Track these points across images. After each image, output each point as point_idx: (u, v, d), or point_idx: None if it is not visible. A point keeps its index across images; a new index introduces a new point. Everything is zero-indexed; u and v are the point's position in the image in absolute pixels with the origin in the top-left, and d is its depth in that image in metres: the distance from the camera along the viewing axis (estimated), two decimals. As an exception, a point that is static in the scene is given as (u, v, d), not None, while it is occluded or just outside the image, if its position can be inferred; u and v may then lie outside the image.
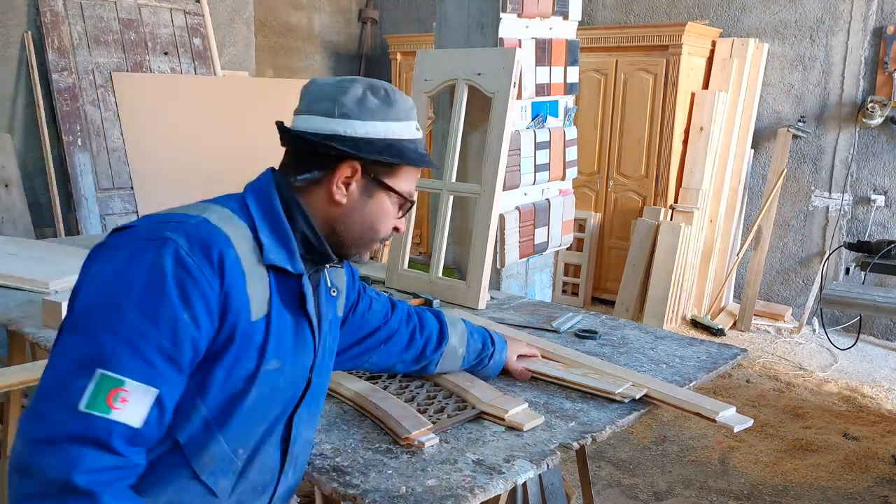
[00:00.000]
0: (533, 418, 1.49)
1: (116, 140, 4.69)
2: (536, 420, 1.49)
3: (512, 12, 2.46)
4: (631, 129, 5.27)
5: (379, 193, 1.23)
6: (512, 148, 2.43)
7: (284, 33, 6.70)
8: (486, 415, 1.51)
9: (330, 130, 1.19)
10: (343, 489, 1.22)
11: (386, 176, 1.23)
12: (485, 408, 1.52)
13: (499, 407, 1.50)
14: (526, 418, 1.49)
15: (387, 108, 1.21)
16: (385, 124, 1.21)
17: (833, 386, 4.15)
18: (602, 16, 5.89)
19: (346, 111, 1.19)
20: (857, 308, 3.49)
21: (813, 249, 5.20)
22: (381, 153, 1.20)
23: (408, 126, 1.24)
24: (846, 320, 5.03)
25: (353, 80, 1.23)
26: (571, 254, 5.52)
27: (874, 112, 4.73)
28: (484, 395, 1.55)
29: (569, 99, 2.78)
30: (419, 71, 2.54)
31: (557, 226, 2.78)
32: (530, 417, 1.49)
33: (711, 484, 3.09)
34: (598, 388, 1.62)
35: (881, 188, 4.90)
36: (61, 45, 4.58)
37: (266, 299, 1.15)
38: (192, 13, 5.22)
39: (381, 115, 1.20)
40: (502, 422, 1.48)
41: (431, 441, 1.39)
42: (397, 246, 2.54)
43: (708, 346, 1.98)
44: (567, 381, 1.67)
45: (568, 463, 3.03)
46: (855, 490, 3.06)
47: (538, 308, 2.33)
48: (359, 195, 1.22)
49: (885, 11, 4.76)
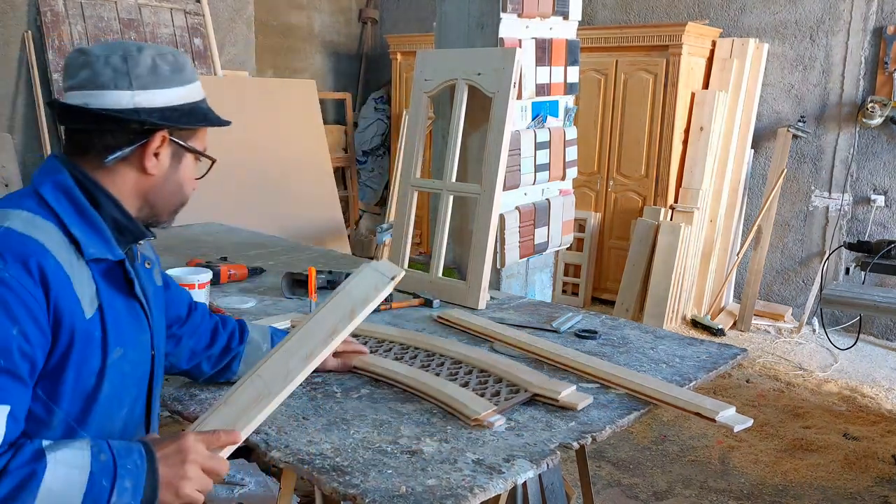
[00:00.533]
0: (583, 399, 1.54)
1: (116, 140, 4.69)
2: (587, 400, 1.54)
3: (512, 12, 2.46)
4: (631, 129, 5.27)
5: (186, 157, 1.26)
6: (512, 148, 2.43)
7: (284, 33, 6.70)
8: (540, 396, 1.56)
9: (132, 104, 1.15)
10: (343, 489, 1.22)
11: (190, 139, 1.25)
12: (537, 390, 1.57)
13: (552, 389, 1.55)
14: (577, 398, 1.54)
15: (179, 73, 1.21)
16: (182, 89, 1.22)
17: (833, 386, 4.15)
18: (602, 16, 5.89)
19: (143, 82, 1.16)
20: (857, 308, 3.49)
21: (813, 249, 5.20)
22: (187, 118, 1.22)
23: (198, 87, 1.26)
24: (846, 320, 5.03)
25: (137, 47, 1.18)
26: (571, 254, 5.52)
27: (874, 112, 4.73)
28: (534, 379, 1.61)
29: (569, 99, 2.78)
30: (419, 71, 2.54)
31: (557, 226, 2.78)
32: (581, 398, 1.55)
33: (711, 484, 3.09)
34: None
35: (881, 188, 4.90)
36: (61, 44, 4.58)
37: (94, 293, 1.15)
38: (192, 13, 5.22)
39: (176, 80, 1.20)
40: (556, 402, 1.53)
41: (499, 421, 1.44)
42: (397, 246, 2.54)
43: (708, 346, 1.98)
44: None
45: (568, 463, 3.03)
46: (855, 490, 3.06)
47: (538, 308, 2.33)
48: (169, 162, 1.23)
49: (885, 11, 4.76)
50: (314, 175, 5.48)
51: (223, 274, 2.48)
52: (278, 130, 5.34)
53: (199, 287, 2.07)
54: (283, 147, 5.32)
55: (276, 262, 2.83)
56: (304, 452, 1.34)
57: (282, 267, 2.72)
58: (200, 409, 1.51)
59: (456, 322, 2.10)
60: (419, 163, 2.54)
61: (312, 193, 5.42)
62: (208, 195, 4.85)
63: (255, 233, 3.50)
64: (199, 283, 2.08)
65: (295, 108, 5.50)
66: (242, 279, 2.54)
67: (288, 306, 2.26)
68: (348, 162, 6.96)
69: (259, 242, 3.23)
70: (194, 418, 1.46)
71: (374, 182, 7.12)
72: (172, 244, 2.99)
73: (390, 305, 2.25)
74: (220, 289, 2.40)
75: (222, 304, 2.22)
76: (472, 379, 1.67)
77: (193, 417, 1.48)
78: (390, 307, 2.25)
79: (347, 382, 1.68)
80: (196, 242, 3.15)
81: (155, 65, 1.18)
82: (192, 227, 3.53)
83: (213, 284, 2.26)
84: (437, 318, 2.16)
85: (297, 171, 5.36)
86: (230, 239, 3.28)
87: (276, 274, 2.59)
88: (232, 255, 2.83)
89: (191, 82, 1.24)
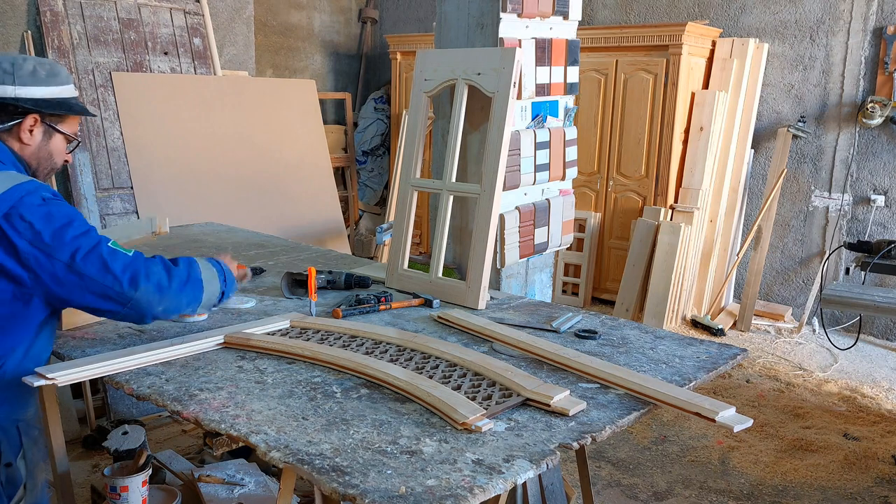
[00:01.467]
0: (576, 404, 1.54)
1: (116, 140, 4.69)
2: (580, 405, 1.54)
3: (512, 12, 2.46)
4: (631, 129, 5.27)
5: (55, 136, 1.79)
6: (512, 148, 2.42)
7: (284, 33, 6.70)
8: (532, 401, 1.55)
9: (14, 95, 1.69)
10: (343, 489, 1.22)
11: (59, 124, 1.79)
12: (530, 395, 1.56)
13: (544, 394, 1.55)
14: (570, 404, 1.54)
15: (54, 77, 1.76)
16: (55, 88, 1.76)
17: (833, 386, 4.15)
18: (602, 16, 5.89)
19: (23, 81, 1.70)
20: (857, 308, 3.49)
21: (813, 249, 5.20)
22: (56, 108, 1.76)
23: (69, 88, 1.80)
24: (846, 320, 5.03)
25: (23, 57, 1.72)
26: (571, 254, 5.52)
27: (874, 112, 4.73)
28: (527, 383, 1.61)
29: (569, 99, 2.78)
30: (419, 71, 2.54)
31: (557, 226, 2.78)
32: (574, 403, 1.54)
33: (711, 484, 3.09)
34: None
35: (881, 188, 4.90)
36: (61, 44, 4.58)
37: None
38: (191, 13, 5.22)
39: (50, 82, 1.74)
40: (548, 407, 1.53)
41: (487, 425, 1.44)
42: (397, 246, 2.54)
43: (708, 346, 1.98)
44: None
45: (568, 463, 3.03)
46: (855, 490, 3.06)
47: (538, 308, 2.33)
48: (41, 138, 1.77)
49: (885, 11, 4.76)
50: (314, 175, 5.48)
51: (223, 274, 2.47)
52: (278, 130, 5.34)
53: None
54: (282, 147, 5.32)
55: (276, 262, 2.82)
56: (303, 452, 1.34)
57: (282, 267, 2.72)
58: (200, 408, 1.52)
59: (456, 322, 2.10)
60: (419, 163, 2.54)
61: (312, 193, 5.42)
62: (209, 195, 4.87)
63: (254, 233, 3.49)
64: (199, 283, 2.08)
65: (295, 108, 5.50)
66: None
67: (288, 306, 2.26)
68: (348, 162, 6.96)
69: (259, 242, 3.22)
70: (194, 418, 1.48)
71: (374, 182, 7.12)
72: (172, 244, 2.98)
73: (390, 305, 2.25)
74: (220, 289, 2.39)
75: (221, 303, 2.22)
76: (465, 382, 1.66)
77: (193, 417, 1.49)
78: (390, 307, 2.25)
79: (347, 382, 1.68)
80: (196, 242, 3.15)
81: (34, 70, 1.72)
82: (192, 227, 3.53)
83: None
84: (437, 318, 2.16)
85: (296, 171, 5.36)
86: (230, 239, 3.28)
87: (276, 274, 2.59)
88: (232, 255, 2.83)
89: (63, 84, 1.78)
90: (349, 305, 2.19)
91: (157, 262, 1.74)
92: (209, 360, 1.81)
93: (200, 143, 4.90)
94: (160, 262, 1.75)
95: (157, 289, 1.70)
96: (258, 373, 1.73)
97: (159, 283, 1.70)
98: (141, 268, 1.68)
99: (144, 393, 1.62)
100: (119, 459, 2.52)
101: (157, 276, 1.71)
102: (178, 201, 4.65)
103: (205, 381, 1.67)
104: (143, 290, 1.67)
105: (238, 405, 1.54)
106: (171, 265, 1.77)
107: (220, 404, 1.54)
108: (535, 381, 1.63)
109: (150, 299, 1.69)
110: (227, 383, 1.66)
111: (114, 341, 1.91)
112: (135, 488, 2.36)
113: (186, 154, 4.84)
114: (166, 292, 1.72)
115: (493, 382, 1.66)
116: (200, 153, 4.89)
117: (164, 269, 1.74)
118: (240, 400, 1.57)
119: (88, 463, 3.12)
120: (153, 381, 1.67)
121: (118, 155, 4.70)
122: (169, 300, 1.73)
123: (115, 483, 2.35)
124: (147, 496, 2.41)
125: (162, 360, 1.78)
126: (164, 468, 2.75)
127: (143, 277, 1.67)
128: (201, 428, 1.54)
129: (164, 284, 1.71)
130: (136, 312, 1.70)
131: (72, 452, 3.04)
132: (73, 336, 1.93)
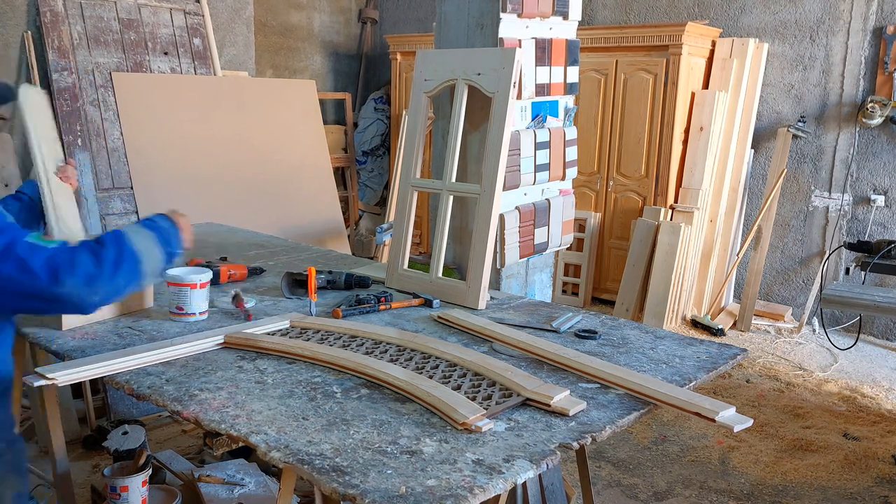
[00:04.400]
0: (576, 404, 1.54)
1: (116, 140, 4.69)
2: (580, 405, 1.54)
3: (512, 12, 2.46)
4: (631, 129, 5.27)
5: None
6: (512, 148, 2.42)
7: (284, 33, 6.70)
8: (532, 401, 1.56)
9: None
10: (343, 489, 1.22)
11: None
12: (530, 395, 1.56)
13: (544, 394, 1.55)
14: (570, 404, 1.54)
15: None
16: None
17: (833, 386, 4.15)
18: (602, 16, 5.89)
19: None
20: (857, 308, 3.49)
21: (813, 249, 5.20)
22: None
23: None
24: (846, 320, 5.03)
25: None
26: (571, 254, 5.52)
27: (874, 112, 4.73)
28: (527, 383, 1.60)
29: (569, 99, 2.78)
30: (419, 71, 2.54)
31: (557, 226, 2.78)
32: (574, 403, 1.54)
33: (711, 484, 3.09)
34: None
35: (881, 188, 4.90)
36: (61, 45, 4.58)
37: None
38: (191, 13, 5.22)
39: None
40: (548, 407, 1.53)
41: (487, 425, 1.43)
42: (397, 246, 2.54)
43: (708, 346, 1.98)
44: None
45: (568, 463, 3.03)
46: (855, 490, 3.06)
47: (538, 308, 2.33)
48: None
49: (885, 11, 4.76)
50: (314, 175, 5.48)
51: (223, 274, 2.48)
52: (278, 131, 5.34)
53: (199, 287, 2.07)
54: (282, 147, 5.32)
55: (276, 262, 2.82)
56: (303, 452, 1.34)
57: (282, 267, 2.72)
58: (200, 409, 1.52)
59: (456, 322, 2.10)
60: (419, 163, 2.54)
61: (312, 193, 5.42)
62: (209, 195, 4.86)
63: (255, 233, 3.49)
64: (200, 283, 2.08)
65: (295, 108, 5.50)
66: (242, 279, 2.54)
67: (288, 306, 2.26)
68: (348, 162, 6.96)
69: (259, 242, 3.22)
70: (194, 418, 1.49)
71: (373, 182, 7.12)
72: (172, 244, 2.98)
73: (390, 305, 2.25)
74: (220, 289, 2.40)
75: (222, 303, 2.23)
76: (465, 382, 1.66)
77: (193, 417, 1.49)
78: (390, 307, 2.25)
79: (347, 382, 1.68)
80: (196, 242, 3.12)
81: None
82: (192, 227, 3.52)
83: (213, 284, 2.25)
84: (437, 318, 2.16)
85: (297, 171, 5.36)
86: (230, 239, 3.28)
87: (276, 274, 2.59)
88: (232, 255, 2.83)
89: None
90: (349, 305, 2.19)
91: (83, 249, 1.58)
92: (209, 360, 1.81)
93: (200, 144, 4.90)
94: (85, 248, 1.59)
95: (86, 279, 1.55)
96: (258, 373, 1.73)
97: (86, 272, 1.55)
98: (62, 260, 1.53)
99: (144, 393, 1.62)
100: (119, 459, 2.52)
101: (82, 265, 1.55)
102: (178, 201, 4.65)
103: (205, 381, 1.67)
104: (68, 284, 1.53)
105: (238, 405, 1.54)
106: (98, 247, 1.60)
107: (221, 404, 1.54)
108: (535, 381, 1.63)
109: (80, 292, 1.54)
110: (227, 383, 1.66)
111: (114, 341, 1.91)
112: (135, 488, 2.36)
113: (186, 154, 4.84)
114: (97, 280, 1.56)
115: (494, 382, 1.66)
116: (200, 153, 4.89)
117: (89, 254, 1.58)
118: (240, 400, 1.57)
119: (88, 463, 3.13)
120: (153, 381, 1.66)
121: (118, 155, 4.70)
122: (103, 287, 1.58)
123: (115, 483, 2.35)
124: (147, 496, 2.42)
125: (162, 360, 1.78)
126: (164, 468, 2.75)
127: (65, 271, 1.52)
128: (201, 428, 1.54)
129: (93, 272, 1.56)
130: (70, 307, 1.59)
131: (72, 452, 3.04)
132: (73, 336, 1.93)
